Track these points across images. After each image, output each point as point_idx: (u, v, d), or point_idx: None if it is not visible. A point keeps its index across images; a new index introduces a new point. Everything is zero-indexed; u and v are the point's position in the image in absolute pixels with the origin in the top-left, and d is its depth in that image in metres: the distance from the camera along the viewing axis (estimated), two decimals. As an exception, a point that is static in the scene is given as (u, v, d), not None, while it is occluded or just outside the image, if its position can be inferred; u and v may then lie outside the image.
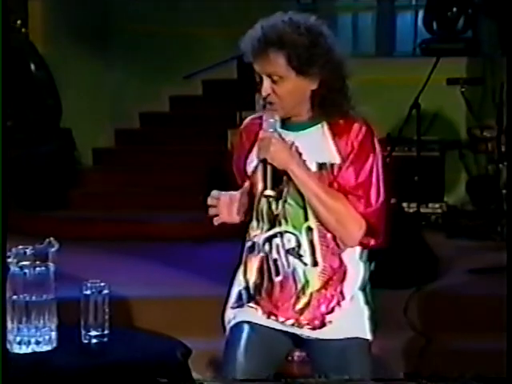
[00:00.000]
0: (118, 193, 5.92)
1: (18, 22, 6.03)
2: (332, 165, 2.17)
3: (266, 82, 2.17)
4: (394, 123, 5.54)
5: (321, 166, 2.18)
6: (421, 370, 3.53)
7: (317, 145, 2.20)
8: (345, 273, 2.22)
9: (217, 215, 2.25)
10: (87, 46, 6.49)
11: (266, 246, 2.23)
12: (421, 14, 6.63)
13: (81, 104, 6.30)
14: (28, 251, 2.15)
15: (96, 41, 6.62)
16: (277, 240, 2.21)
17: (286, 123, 2.22)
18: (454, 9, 6.14)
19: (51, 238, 2.16)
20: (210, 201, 2.26)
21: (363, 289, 2.25)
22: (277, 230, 2.21)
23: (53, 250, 2.17)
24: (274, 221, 2.21)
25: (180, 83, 6.78)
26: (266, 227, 2.23)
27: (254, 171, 2.22)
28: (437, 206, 5.69)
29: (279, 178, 2.18)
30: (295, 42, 2.12)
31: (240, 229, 2.32)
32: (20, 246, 2.16)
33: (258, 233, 2.24)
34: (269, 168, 2.15)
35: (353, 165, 2.17)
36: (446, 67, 5.49)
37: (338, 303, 2.22)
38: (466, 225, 5.48)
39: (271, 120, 2.19)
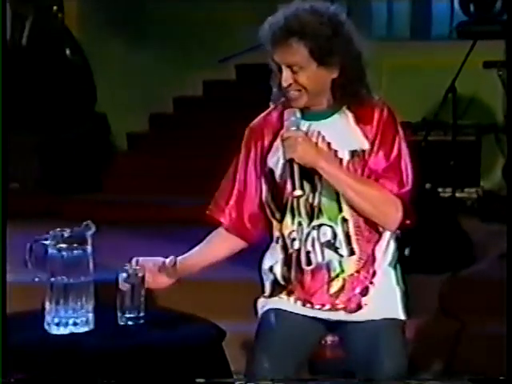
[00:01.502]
0: (152, 176, 5.95)
1: (54, 7, 6.08)
2: (363, 151, 2.16)
3: (286, 72, 2.14)
4: (429, 107, 5.49)
5: (353, 153, 2.16)
6: (455, 355, 3.52)
7: (344, 132, 2.18)
8: (377, 254, 2.22)
9: None
10: (121, 31, 6.52)
11: (302, 240, 2.21)
12: (457, -4, 6.54)
13: (115, 88, 6.34)
14: (66, 234, 2.18)
15: (130, 26, 6.65)
16: (313, 233, 2.19)
17: (306, 113, 2.19)
18: (492, -9, 6.05)
19: (89, 221, 2.18)
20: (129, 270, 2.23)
21: (394, 266, 2.25)
22: (314, 223, 2.19)
23: (90, 232, 2.19)
24: (311, 213, 2.19)
25: (213, 68, 6.78)
26: (305, 222, 2.20)
27: (283, 171, 2.18)
28: (472, 190, 5.64)
29: (310, 173, 2.14)
30: (317, 33, 2.09)
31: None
32: (58, 229, 2.18)
33: (294, 228, 2.21)
34: (296, 167, 2.11)
35: (381, 147, 2.15)
36: (483, 50, 5.41)
37: (371, 282, 2.21)
38: (501, 209, 5.42)
39: (293, 118, 2.15)
